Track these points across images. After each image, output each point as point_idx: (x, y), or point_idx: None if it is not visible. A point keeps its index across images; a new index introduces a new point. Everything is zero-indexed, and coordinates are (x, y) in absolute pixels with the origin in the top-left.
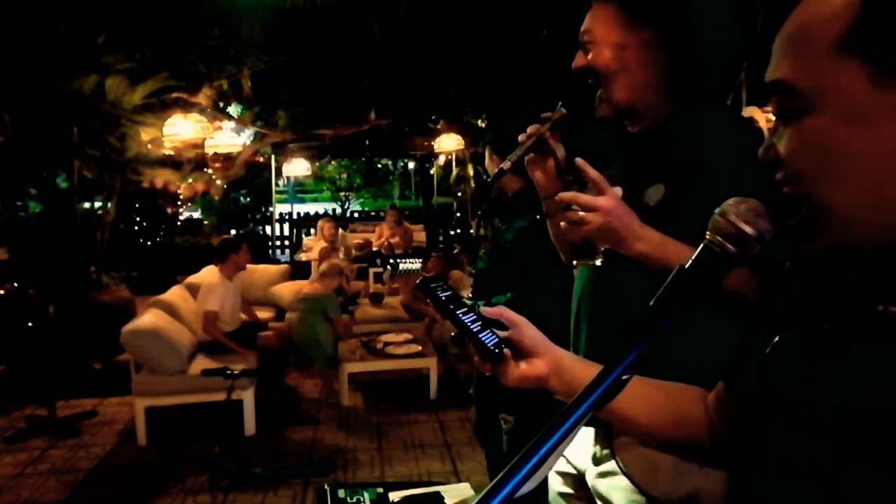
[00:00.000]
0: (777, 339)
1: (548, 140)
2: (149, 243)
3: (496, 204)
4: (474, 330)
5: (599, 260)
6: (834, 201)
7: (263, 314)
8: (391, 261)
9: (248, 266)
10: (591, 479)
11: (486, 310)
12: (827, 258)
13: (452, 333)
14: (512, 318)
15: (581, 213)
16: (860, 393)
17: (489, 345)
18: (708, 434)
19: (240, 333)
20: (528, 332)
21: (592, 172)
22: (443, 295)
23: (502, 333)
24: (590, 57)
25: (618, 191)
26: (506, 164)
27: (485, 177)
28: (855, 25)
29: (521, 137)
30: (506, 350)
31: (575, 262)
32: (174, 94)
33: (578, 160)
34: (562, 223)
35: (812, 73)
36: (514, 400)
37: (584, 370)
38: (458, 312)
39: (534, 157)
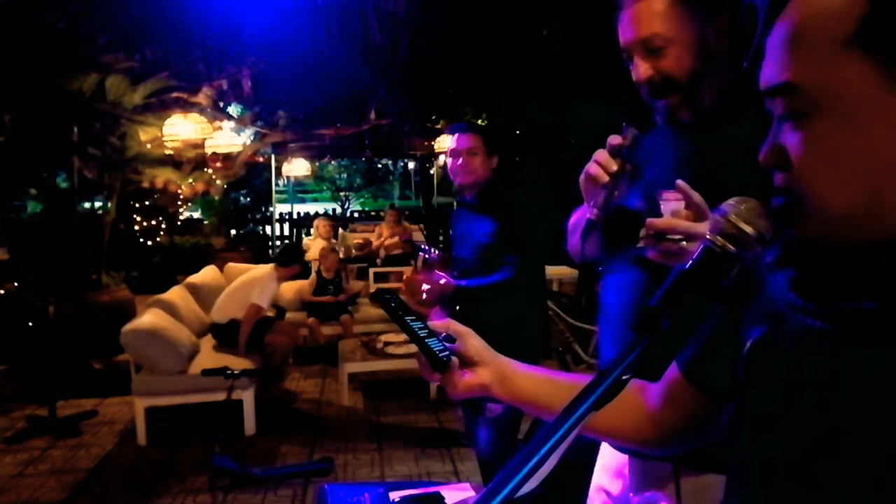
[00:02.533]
0: (757, 336)
1: (628, 171)
2: (149, 243)
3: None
4: (423, 338)
5: None
6: (831, 200)
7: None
8: (425, 247)
9: (248, 266)
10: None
11: (433, 323)
12: (819, 253)
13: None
14: (458, 329)
15: (683, 244)
16: (857, 389)
17: (437, 353)
18: (651, 424)
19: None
20: (473, 342)
21: (697, 197)
22: (394, 304)
23: (450, 346)
24: (664, 63)
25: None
26: (593, 214)
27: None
28: (863, 23)
29: (599, 176)
30: (453, 359)
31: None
32: (174, 94)
33: (680, 183)
34: (652, 254)
35: (819, 74)
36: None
37: (524, 377)
38: (409, 321)
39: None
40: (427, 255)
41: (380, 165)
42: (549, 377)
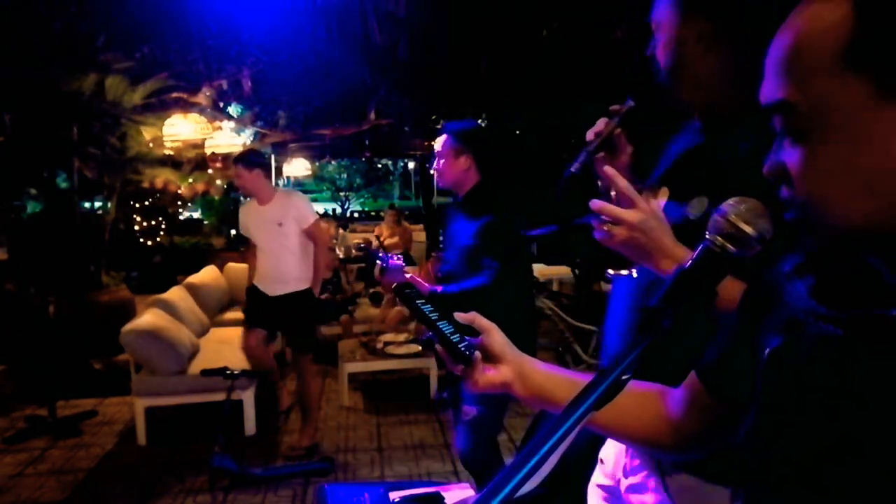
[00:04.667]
0: (776, 345)
1: (618, 137)
2: (149, 243)
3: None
4: (447, 333)
5: (635, 272)
6: (841, 215)
7: None
8: (382, 255)
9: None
10: (623, 490)
11: (459, 315)
12: (839, 257)
13: (424, 337)
14: (483, 324)
15: (608, 227)
16: (871, 396)
17: (461, 348)
18: (669, 429)
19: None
20: (497, 338)
21: (622, 183)
22: (418, 300)
23: (472, 340)
24: (658, 47)
25: (656, 203)
26: (575, 168)
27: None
28: (851, 41)
29: (588, 135)
30: (476, 354)
31: (611, 272)
32: (174, 94)
33: (608, 169)
34: (597, 234)
35: (812, 93)
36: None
37: (543, 376)
38: (432, 316)
39: (603, 155)
40: (384, 264)
41: (380, 165)
42: (568, 376)
